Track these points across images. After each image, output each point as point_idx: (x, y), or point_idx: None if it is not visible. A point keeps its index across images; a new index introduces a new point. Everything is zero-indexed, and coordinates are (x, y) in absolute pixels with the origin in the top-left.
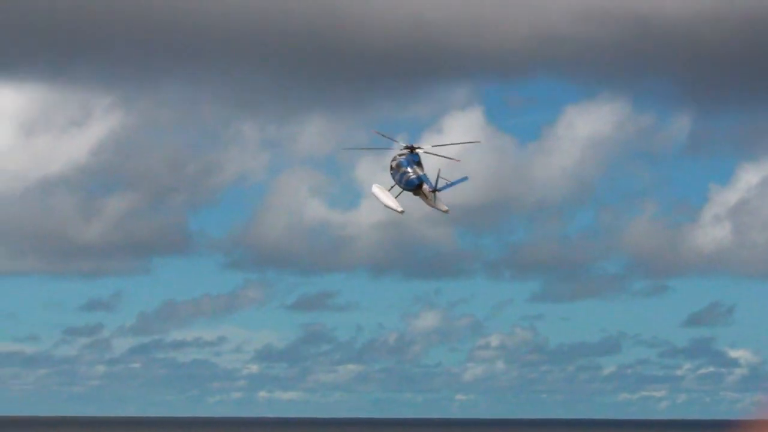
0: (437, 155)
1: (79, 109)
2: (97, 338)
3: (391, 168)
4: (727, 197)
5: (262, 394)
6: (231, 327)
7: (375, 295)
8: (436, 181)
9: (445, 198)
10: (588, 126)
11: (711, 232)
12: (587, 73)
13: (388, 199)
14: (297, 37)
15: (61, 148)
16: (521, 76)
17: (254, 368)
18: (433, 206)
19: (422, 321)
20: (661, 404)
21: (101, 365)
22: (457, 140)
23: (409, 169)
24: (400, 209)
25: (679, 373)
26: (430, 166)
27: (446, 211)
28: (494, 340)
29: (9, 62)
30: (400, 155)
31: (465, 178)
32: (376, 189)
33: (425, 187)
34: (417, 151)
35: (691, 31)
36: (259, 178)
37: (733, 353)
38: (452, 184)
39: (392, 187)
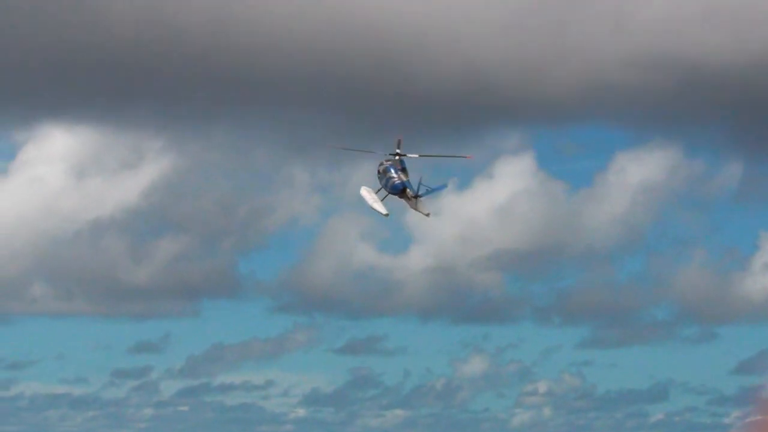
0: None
1: (131, 151)
2: (146, 380)
3: (379, 172)
4: None
5: None
6: (279, 371)
7: (423, 340)
8: (418, 187)
9: (430, 203)
10: (638, 172)
11: (761, 279)
12: (638, 120)
13: (375, 202)
14: (349, 81)
15: (112, 191)
16: (572, 122)
17: (302, 412)
18: (415, 209)
19: (470, 366)
20: None
21: (149, 408)
22: (508, 185)
23: (394, 175)
24: (385, 212)
25: (727, 421)
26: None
27: (427, 215)
28: (542, 386)
29: (61, 105)
30: (387, 161)
31: (445, 186)
32: (364, 192)
33: (408, 191)
34: (403, 158)
35: (743, 78)
36: (309, 221)
37: None
38: (433, 190)
39: (379, 190)
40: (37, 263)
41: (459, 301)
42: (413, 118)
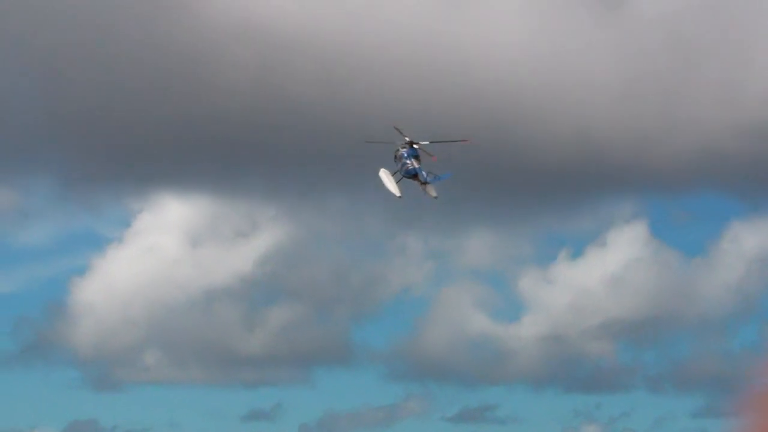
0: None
1: (245, 220)
2: None
3: (395, 158)
4: None
5: None
6: None
7: (535, 409)
8: (426, 175)
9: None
10: (752, 241)
11: None
12: (752, 189)
13: (391, 184)
14: (461, 151)
15: (226, 259)
16: (686, 191)
17: None
18: (425, 192)
19: None
20: None
21: None
22: (621, 254)
23: (408, 161)
24: (398, 194)
25: None
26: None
27: (435, 197)
28: None
29: (175, 174)
30: (402, 147)
31: (449, 174)
32: (383, 173)
33: (419, 177)
34: (415, 146)
35: None
36: (423, 290)
37: None
38: (438, 178)
39: (395, 172)
40: (151, 331)
41: (571, 370)
42: (526, 185)
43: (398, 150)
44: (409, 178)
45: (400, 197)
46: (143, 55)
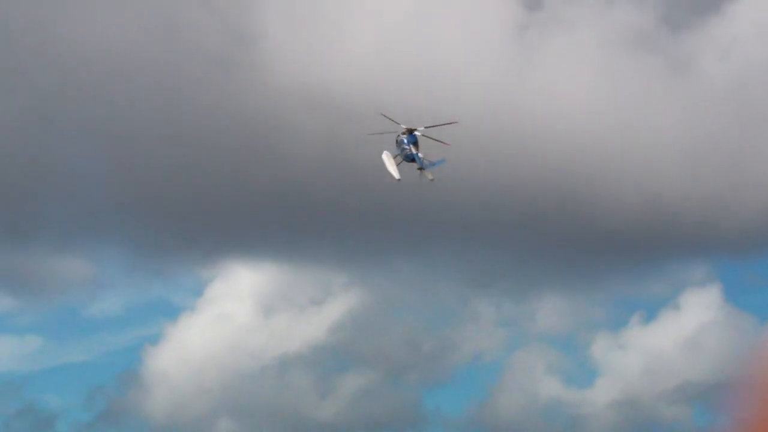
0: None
1: (317, 287)
2: None
3: (396, 142)
4: None
5: None
6: None
7: None
8: (421, 161)
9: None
10: None
11: None
12: None
13: (391, 166)
14: (531, 219)
15: (299, 326)
16: (759, 254)
17: None
18: (421, 175)
19: None
20: None
21: None
22: (695, 317)
23: (406, 146)
24: (397, 177)
25: None
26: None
27: (432, 180)
28: None
29: (246, 242)
30: (402, 134)
31: (443, 160)
32: (385, 156)
33: (416, 162)
34: (415, 132)
35: None
36: (495, 355)
37: None
38: (433, 164)
39: (396, 155)
40: (224, 399)
41: None
42: (596, 249)
43: (399, 135)
44: (408, 162)
45: (399, 180)
46: (210, 123)
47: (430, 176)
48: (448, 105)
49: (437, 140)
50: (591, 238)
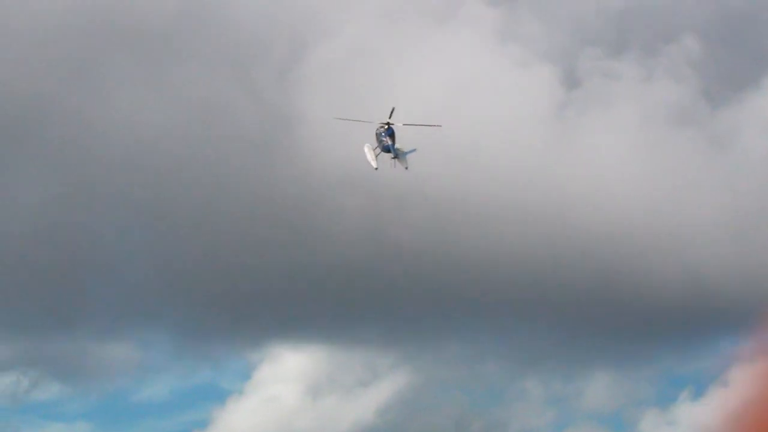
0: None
1: (363, 369)
2: None
3: (375, 135)
4: None
5: None
6: None
7: None
8: (395, 151)
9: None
10: None
11: None
12: None
13: (371, 157)
14: (576, 296)
15: (347, 409)
16: None
17: None
18: (395, 164)
19: None
20: None
21: None
22: (745, 393)
23: (384, 138)
24: (375, 166)
25: None
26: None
27: (406, 168)
28: None
29: (292, 325)
30: (381, 127)
31: (413, 150)
32: (366, 147)
33: (391, 153)
34: (391, 126)
35: None
36: None
37: None
38: (406, 153)
39: (375, 147)
40: None
41: None
42: (642, 326)
43: (378, 129)
44: (385, 152)
45: (376, 169)
46: (253, 207)
47: (405, 165)
48: (489, 183)
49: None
50: (637, 315)
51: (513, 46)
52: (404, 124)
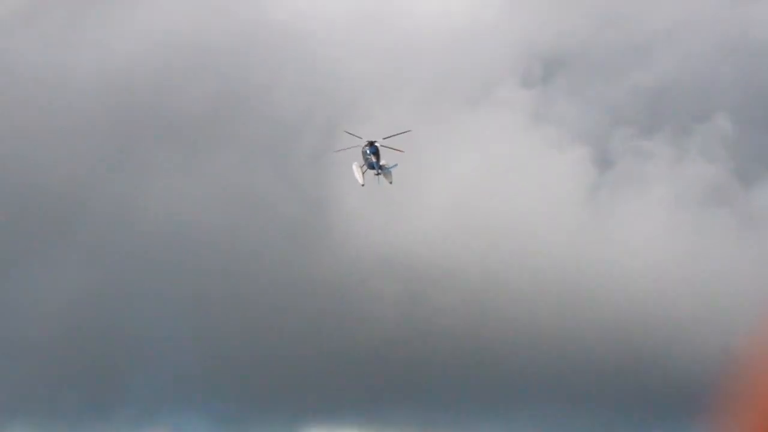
0: (388, 147)
1: None
2: None
3: (362, 153)
4: None
5: None
6: None
7: None
8: (379, 167)
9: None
10: None
11: None
12: None
13: (358, 174)
14: (610, 377)
15: None
16: None
17: None
18: (380, 180)
19: None
20: None
21: None
22: None
23: (368, 156)
24: (361, 182)
25: None
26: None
27: (390, 183)
28: None
29: (325, 409)
30: (365, 146)
31: (395, 165)
32: (354, 165)
33: (375, 170)
34: (375, 144)
35: None
36: None
37: None
38: (389, 169)
39: (362, 165)
40: None
41: None
42: (678, 405)
43: (363, 147)
44: (371, 169)
45: (362, 185)
46: (288, 291)
47: (390, 180)
48: (523, 263)
49: (394, 148)
50: (672, 394)
51: (546, 127)
52: (384, 138)
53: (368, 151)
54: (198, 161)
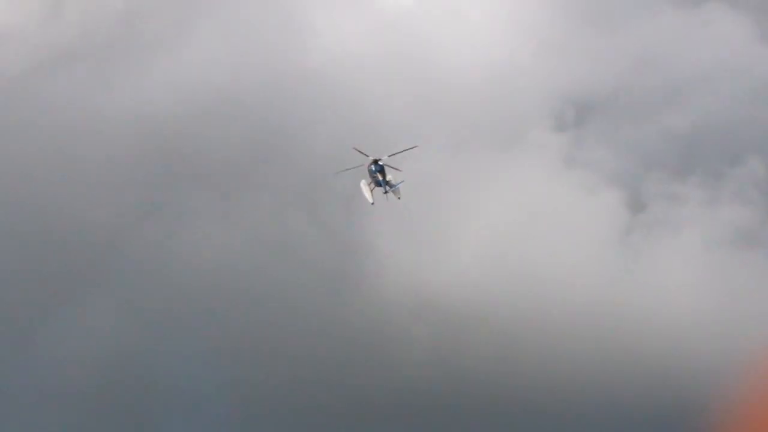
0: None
1: None
2: None
3: (368, 171)
4: None
5: None
6: None
7: None
8: (387, 185)
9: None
10: None
11: None
12: None
13: (367, 192)
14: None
15: None
16: None
17: None
18: (388, 197)
19: None
20: None
21: None
22: None
23: (375, 174)
24: (371, 201)
25: None
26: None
27: (398, 198)
28: None
29: None
30: (371, 164)
31: (402, 182)
32: (363, 183)
33: (382, 186)
34: (379, 162)
35: None
36: None
37: None
38: (394, 187)
39: (370, 183)
40: None
41: None
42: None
43: (369, 166)
44: (378, 186)
45: (372, 204)
46: (321, 336)
47: (398, 196)
48: (557, 308)
49: (394, 168)
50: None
51: (579, 170)
52: (389, 156)
53: (374, 169)
54: (231, 207)
